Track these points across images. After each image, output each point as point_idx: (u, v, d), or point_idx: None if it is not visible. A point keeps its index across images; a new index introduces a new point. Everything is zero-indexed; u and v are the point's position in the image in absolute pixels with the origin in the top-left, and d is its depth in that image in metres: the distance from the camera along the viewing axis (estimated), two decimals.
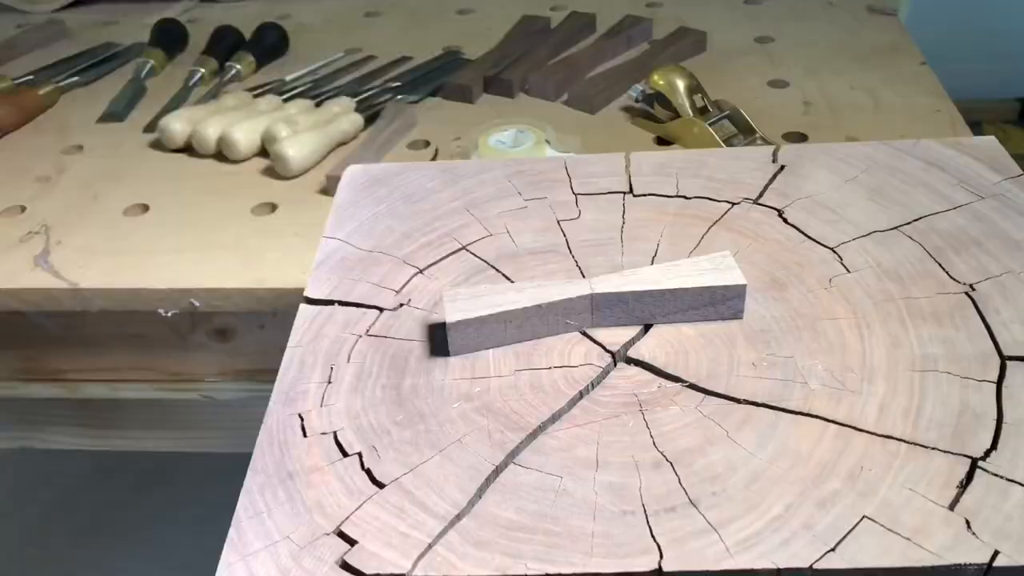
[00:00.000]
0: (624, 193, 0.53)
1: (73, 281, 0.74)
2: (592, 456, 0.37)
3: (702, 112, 0.88)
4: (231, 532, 0.35)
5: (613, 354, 0.42)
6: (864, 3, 1.15)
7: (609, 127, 0.94)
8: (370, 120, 0.94)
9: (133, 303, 0.74)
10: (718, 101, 0.89)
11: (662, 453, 0.37)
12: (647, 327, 0.43)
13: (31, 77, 1.08)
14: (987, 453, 0.36)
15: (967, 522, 0.33)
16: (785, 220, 0.50)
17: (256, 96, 0.99)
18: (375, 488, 0.37)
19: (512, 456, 0.38)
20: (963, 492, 0.35)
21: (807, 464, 0.36)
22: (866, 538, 0.33)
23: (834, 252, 0.48)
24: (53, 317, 0.76)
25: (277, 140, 0.86)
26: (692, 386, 0.40)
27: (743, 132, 0.87)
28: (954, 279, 0.45)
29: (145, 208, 0.84)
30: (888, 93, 0.93)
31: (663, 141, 0.90)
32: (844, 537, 0.33)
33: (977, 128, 1.63)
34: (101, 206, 0.84)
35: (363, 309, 0.46)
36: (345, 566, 0.34)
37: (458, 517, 0.35)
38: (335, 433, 0.39)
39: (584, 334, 0.44)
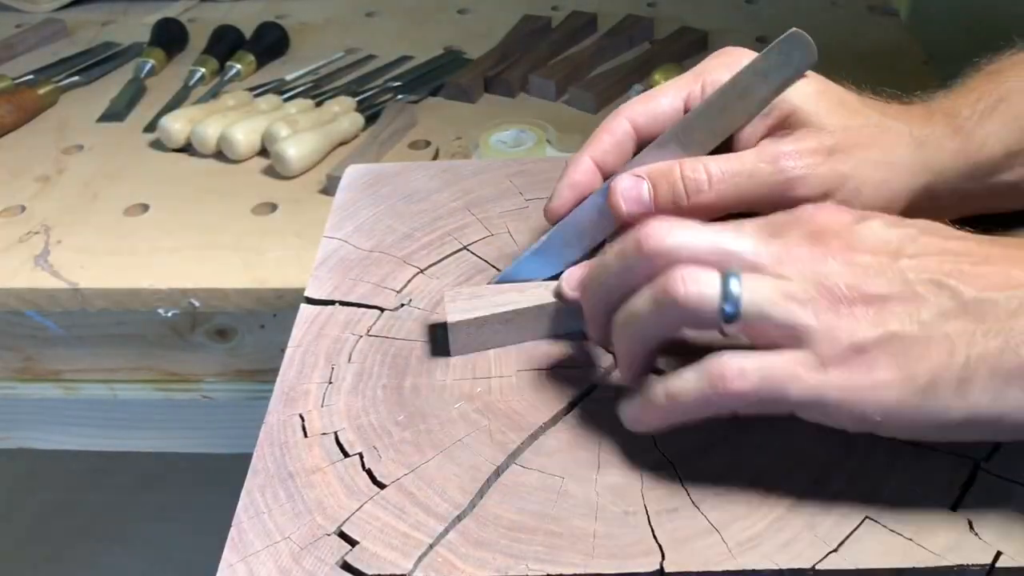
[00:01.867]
0: None
1: (73, 281, 0.74)
2: (594, 456, 0.37)
3: None
4: (231, 532, 0.35)
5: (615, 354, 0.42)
6: (865, 3, 1.15)
7: None
8: (370, 120, 0.94)
9: (133, 303, 0.74)
10: None
11: (664, 454, 0.37)
12: None
13: (31, 77, 1.07)
14: (990, 455, 0.36)
15: (970, 523, 0.33)
16: None
17: (256, 96, 0.99)
18: (376, 488, 0.36)
19: (513, 456, 0.37)
20: (966, 493, 0.35)
21: (809, 464, 0.36)
22: (868, 539, 0.33)
23: None
24: (53, 317, 0.76)
25: (277, 140, 0.86)
26: None
27: None
28: None
29: (145, 208, 0.84)
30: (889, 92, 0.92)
31: None
32: (846, 538, 0.33)
33: None
34: (101, 206, 0.84)
35: (364, 309, 0.46)
36: (346, 566, 0.33)
37: (459, 518, 0.35)
38: (336, 433, 0.39)
39: (586, 334, 0.43)
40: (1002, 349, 0.31)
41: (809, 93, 0.42)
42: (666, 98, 0.44)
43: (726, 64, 0.44)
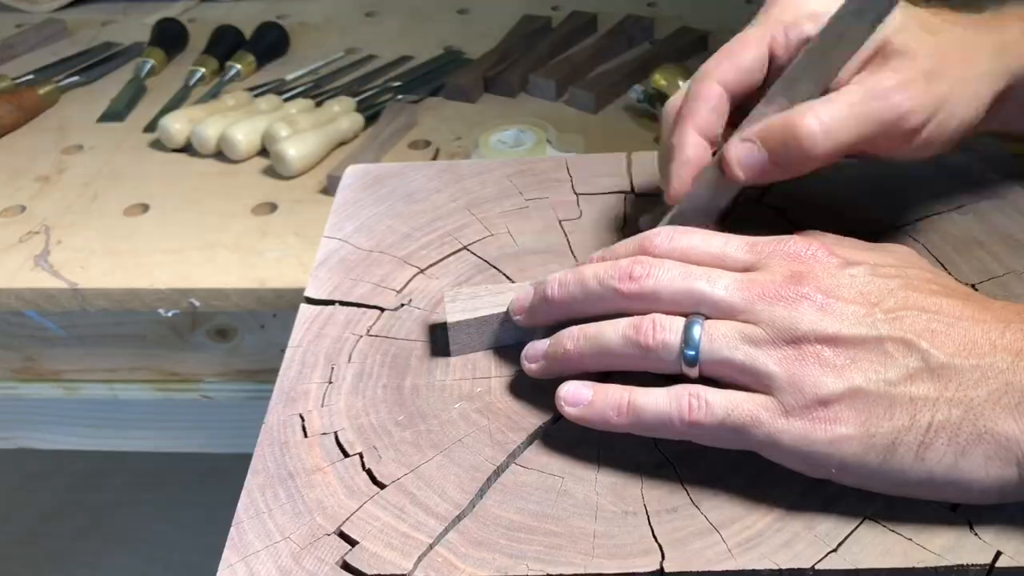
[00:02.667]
0: (626, 193, 0.53)
1: (73, 281, 0.74)
2: (593, 456, 0.37)
3: None
4: (231, 532, 0.35)
5: None
6: None
7: (610, 127, 0.94)
8: (370, 120, 0.94)
9: (132, 303, 0.74)
10: None
11: (663, 453, 0.37)
12: None
13: (31, 77, 1.07)
14: None
15: (969, 523, 0.33)
16: (787, 220, 0.50)
17: (256, 96, 0.99)
18: (376, 488, 0.36)
19: (513, 456, 0.37)
20: None
21: None
22: (868, 539, 0.33)
23: None
24: (53, 317, 0.76)
25: (277, 140, 0.86)
26: None
27: None
28: (956, 279, 0.45)
29: (145, 208, 0.84)
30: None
31: None
32: (846, 538, 0.33)
33: None
34: (101, 206, 0.84)
35: (364, 309, 0.46)
36: (346, 566, 0.34)
37: (459, 518, 0.35)
38: (336, 433, 0.39)
39: None
40: (961, 419, 0.32)
41: (894, 20, 0.41)
42: (749, 51, 0.43)
43: (795, 4, 0.44)
